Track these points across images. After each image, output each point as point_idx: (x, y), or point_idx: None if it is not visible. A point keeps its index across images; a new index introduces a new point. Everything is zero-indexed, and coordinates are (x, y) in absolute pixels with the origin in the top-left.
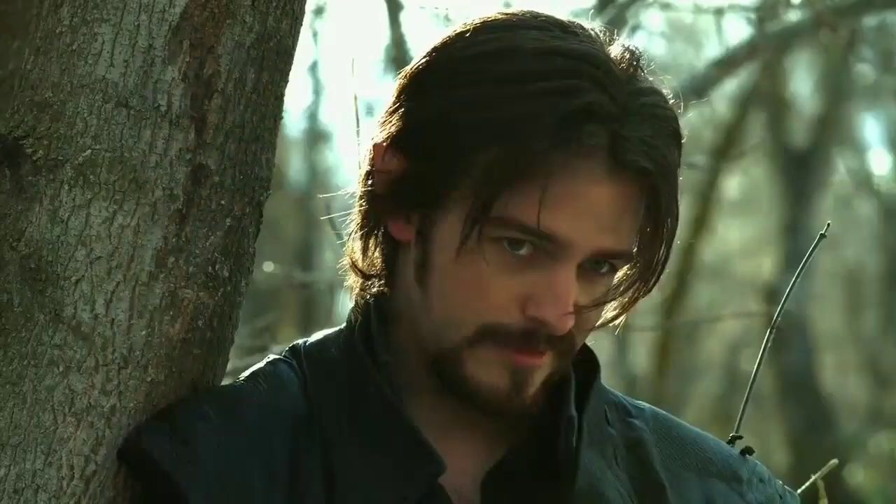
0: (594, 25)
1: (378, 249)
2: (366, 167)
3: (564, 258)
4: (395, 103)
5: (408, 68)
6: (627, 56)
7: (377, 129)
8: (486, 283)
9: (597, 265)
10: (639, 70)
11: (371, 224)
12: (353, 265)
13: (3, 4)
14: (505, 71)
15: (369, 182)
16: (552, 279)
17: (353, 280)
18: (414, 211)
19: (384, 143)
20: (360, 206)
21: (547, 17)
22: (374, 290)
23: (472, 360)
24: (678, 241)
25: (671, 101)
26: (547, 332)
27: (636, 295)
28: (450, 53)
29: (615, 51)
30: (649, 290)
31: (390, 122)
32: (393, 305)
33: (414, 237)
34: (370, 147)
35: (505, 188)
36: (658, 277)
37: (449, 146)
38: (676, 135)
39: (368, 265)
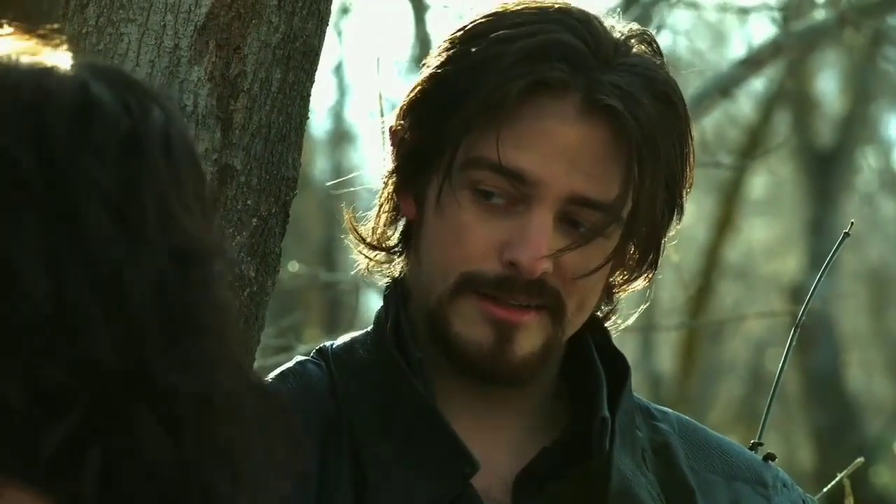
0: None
1: (395, 232)
2: (385, 153)
3: (538, 201)
4: None
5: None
6: (626, 30)
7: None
8: (465, 231)
9: (573, 223)
10: (637, 44)
11: (388, 206)
12: (372, 248)
13: (28, 5)
14: (482, 29)
15: (386, 165)
16: (526, 222)
17: (369, 265)
18: (415, 183)
19: (393, 125)
20: (380, 191)
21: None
22: (395, 275)
23: (457, 317)
24: (698, 239)
25: (686, 93)
26: (523, 279)
27: (618, 249)
28: (448, 36)
29: (613, 24)
30: (627, 247)
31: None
32: (406, 286)
33: (415, 209)
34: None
35: (469, 128)
36: (636, 233)
37: (431, 108)
38: (663, 97)
39: (387, 246)
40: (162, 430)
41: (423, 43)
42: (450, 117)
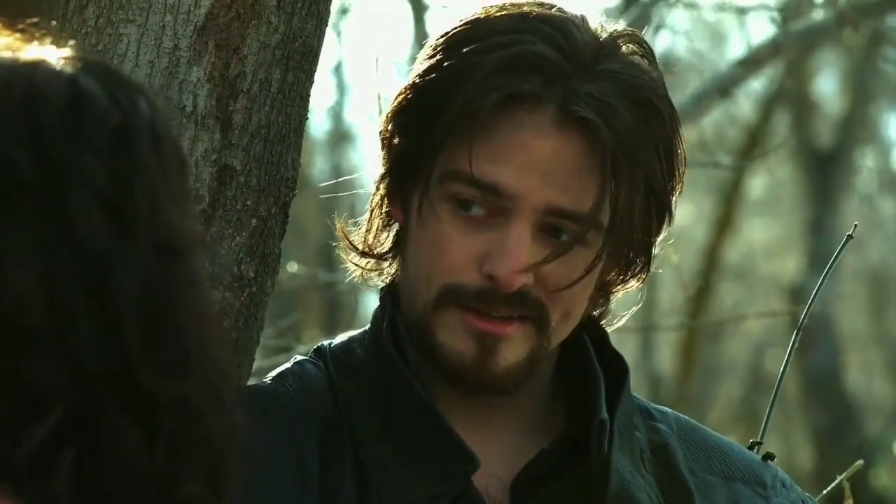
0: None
1: (389, 236)
2: (377, 156)
3: (516, 214)
4: None
5: None
6: (613, 31)
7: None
8: (446, 243)
9: (556, 232)
10: (624, 44)
11: (379, 211)
12: (363, 255)
13: (28, 6)
14: (461, 37)
15: (377, 169)
16: (504, 235)
17: (362, 273)
18: (402, 190)
19: (381, 130)
20: (371, 196)
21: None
22: (390, 277)
23: (440, 327)
24: (698, 239)
25: (677, 90)
26: (502, 292)
27: (598, 259)
28: (431, 42)
29: (598, 26)
30: (610, 255)
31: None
32: (398, 290)
33: (402, 216)
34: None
35: (445, 141)
36: (616, 241)
37: (412, 116)
38: (644, 102)
39: (379, 252)
40: (138, 432)
41: (422, 43)
42: (427, 128)
